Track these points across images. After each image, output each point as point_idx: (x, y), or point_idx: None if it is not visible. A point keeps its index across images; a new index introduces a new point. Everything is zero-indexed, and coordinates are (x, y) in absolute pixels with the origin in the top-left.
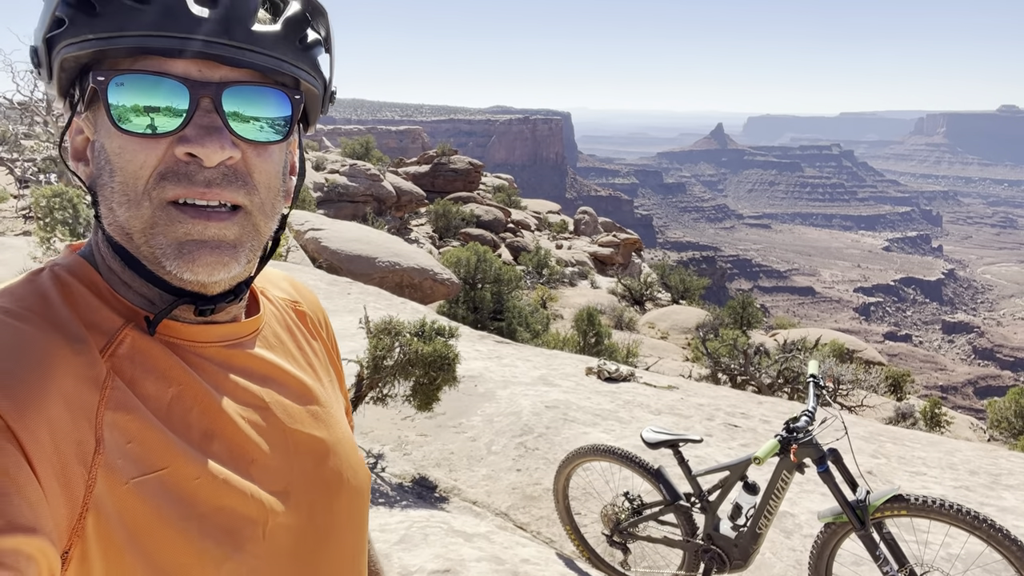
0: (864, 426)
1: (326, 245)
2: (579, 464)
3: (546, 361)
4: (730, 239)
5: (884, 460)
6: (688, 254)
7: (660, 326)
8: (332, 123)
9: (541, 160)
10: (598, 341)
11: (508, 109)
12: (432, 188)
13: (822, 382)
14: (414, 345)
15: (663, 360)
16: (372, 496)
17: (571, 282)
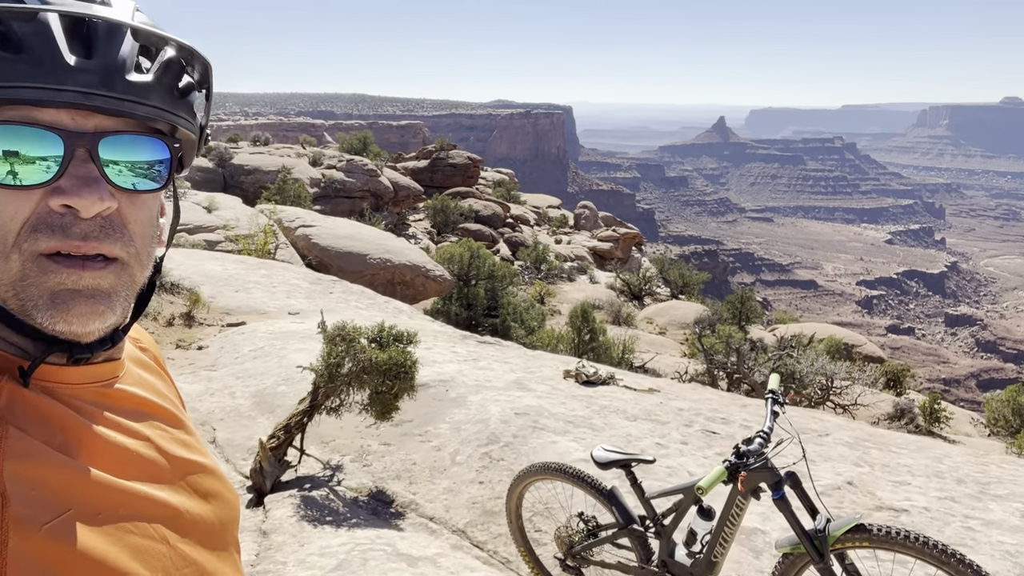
0: (850, 430)
1: (316, 242)
2: (530, 483)
3: (526, 363)
4: (732, 233)
5: (867, 468)
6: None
7: (658, 321)
8: (333, 118)
9: (543, 154)
10: (592, 338)
11: (509, 103)
12: (431, 183)
13: (781, 399)
14: (368, 352)
15: (660, 356)
16: (322, 514)
17: (570, 277)
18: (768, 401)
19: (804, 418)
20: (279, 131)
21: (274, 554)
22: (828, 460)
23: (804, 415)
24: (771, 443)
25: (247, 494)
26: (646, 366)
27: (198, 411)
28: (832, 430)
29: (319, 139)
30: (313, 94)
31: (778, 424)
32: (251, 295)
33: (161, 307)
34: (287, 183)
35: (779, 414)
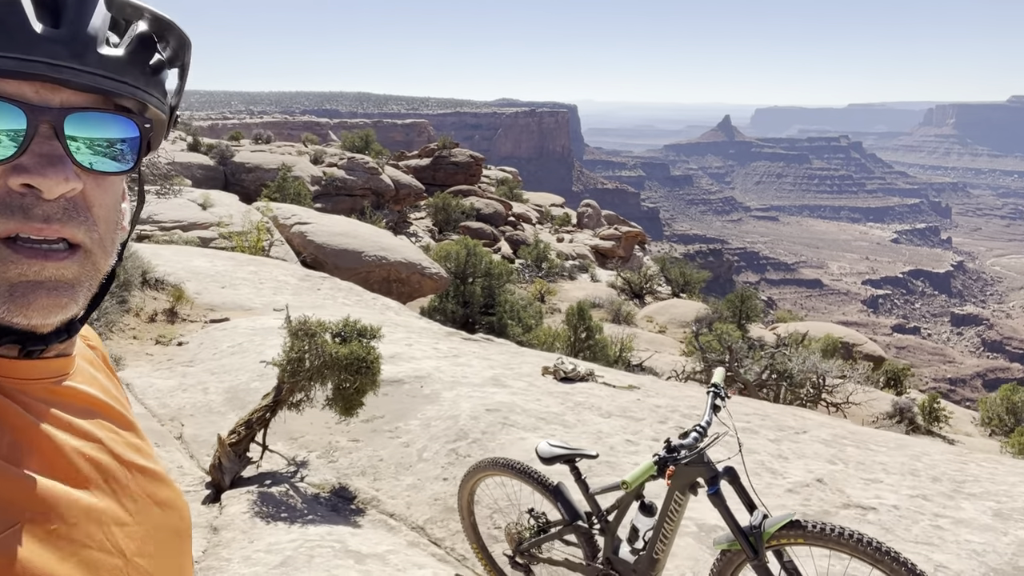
0: (830, 428)
1: (311, 239)
2: (481, 478)
3: (507, 360)
4: (737, 231)
5: (841, 466)
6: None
7: (658, 320)
8: (338, 116)
9: (547, 153)
10: (589, 336)
11: (514, 102)
12: (433, 181)
13: (724, 393)
14: (328, 347)
15: (659, 354)
16: (277, 510)
17: (571, 276)
18: (709, 395)
19: (783, 415)
20: (284, 129)
21: (221, 551)
22: (801, 457)
23: (784, 412)
24: (707, 437)
25: (205, 490)
26: (643, 364)
27: (168, 407)
28: (811, 427)
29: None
30: (318, 92)
31: (719, 418)
32: (237, 291)
33: (144, 303)
34: (287, 181)
35: (720, 408)
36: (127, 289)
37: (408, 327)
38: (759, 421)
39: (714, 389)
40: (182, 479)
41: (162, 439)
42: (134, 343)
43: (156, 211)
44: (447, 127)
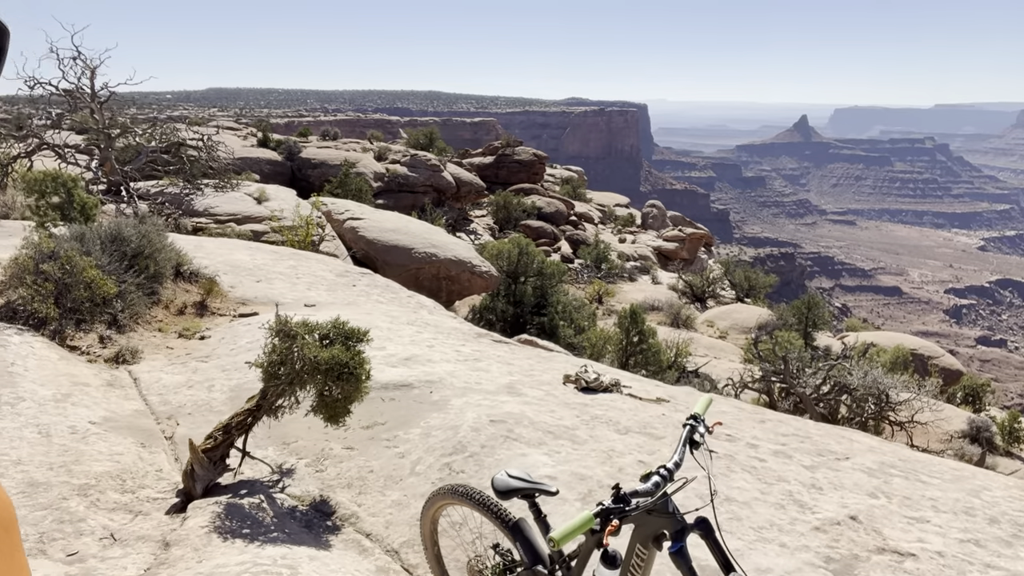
0: (879, 455)
1: (363, 235)
2: (441, 506)
3: (532, 365)
4: (811, 235)
5: (883, 501)
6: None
7: (719, 325)
8: (408, 115)
9: (616, 152)
10: (642, 340)
11: (583, 101)
12: (496, 179)
13: (703, 428)
14: (308, 350)
15: (718, 361)
16: (241, 525)
17: (631, 277)
18: (686, 428)
19: (827, 437)
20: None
21: (162, 570)
22: (838, 489)
23: (829, 434)
24: (674, 482)
25: (175, 498)
26: (698, 371)
27: (169, 404)
28: (856, 453)
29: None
30: (390, 91)
31: (697, 457)
32: (272, 286)
33: (176, 295)
34: (349, 177)
35: (699, 444)
36: (158, 281)
37: (438, 327)
38: (797, 444)
39: (692, 422)
40: (157, 484)
41: (150, 439)
42: (157, 336)
43: (212, 204)
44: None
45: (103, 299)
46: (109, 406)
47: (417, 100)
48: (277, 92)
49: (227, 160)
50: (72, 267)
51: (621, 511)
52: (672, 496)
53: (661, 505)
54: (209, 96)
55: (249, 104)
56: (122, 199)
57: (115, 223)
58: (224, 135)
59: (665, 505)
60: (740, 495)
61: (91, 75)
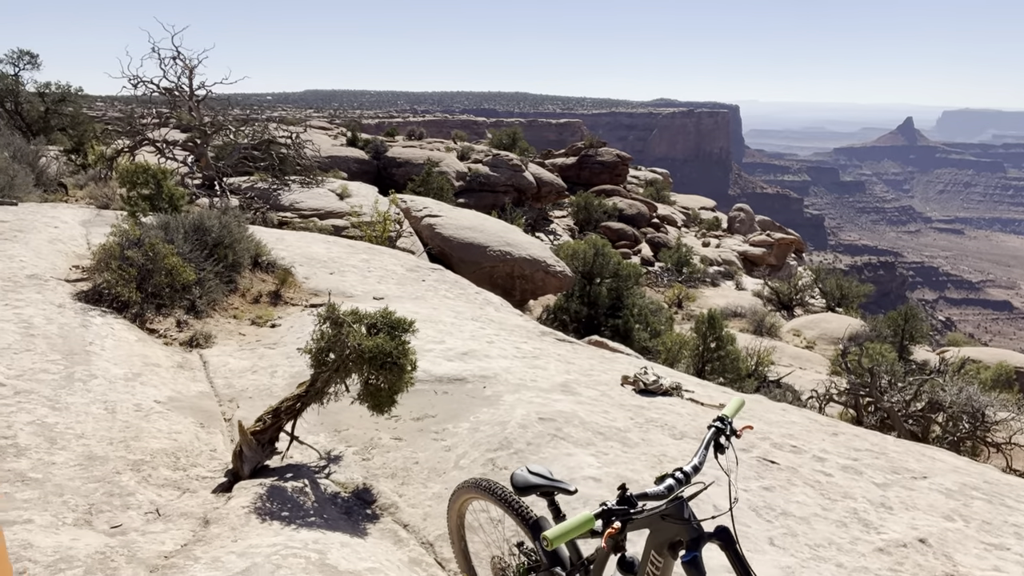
0: (963, 475)
1: (439, 231)
2: (466, 500)
3: (592, 365)
4: (914, 244)
5: (959, 524)
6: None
7: (807, 334)
8: (495, 115)
9: (704, 155)
10: (719, 346)
11: (672, 102)
12: (578, 180)
13: (730, 430)
14: (352, 338)
15: (803, 372)
16: (281, 508)
17: (713, 282)
18: (711, 431)
19: (906, 455)
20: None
21: (198, 547)
22: (910, 509)
23: (909, 451)
24: (690, 486)
25: (223, 478)
26: (780, 381)
27: (233, 387)
28: (936, 473)
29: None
30: (476, 92)
31: (722, 461)
32: (344, 278)
33: (252, 284)
34: (431, 175)
35: (724, 448)
36: (236, 270)
37: (501, 324)
38: (870, 460)
39: (718, 424)
40: (209, 463)
41: (210, 420)
42: (232, 322)
43: (298, 199)
44: (601, 127)
45: (182, 285)
46: (176, 387)
47: (503, 101)
48: (369, 94)
49: (314, 158)
50: (154, 254)
51: (624, 513)
52: (689, 501)
53: (675, 510)
54: (306, 98)
55: (343, 105)
56: (215, 193)
57: (198, 214)
58: (315, 134)
59: (680, 510)
60: (799, 510)
61: (189, 74)
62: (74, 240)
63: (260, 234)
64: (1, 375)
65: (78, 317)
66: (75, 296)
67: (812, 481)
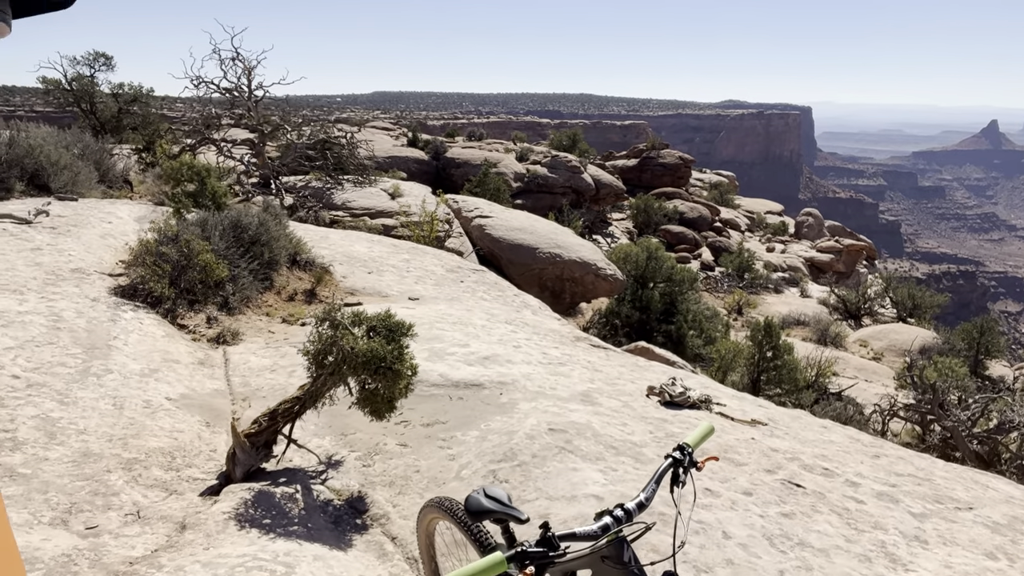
0: (1013, 507)
1: (489, 232)
2: (433, 520)
3: (620, 373)
4: (998, 253)
5: (1003, 563)
6: (942, 267)
7: (874, 345)
8: (559, 117)
9: (773, 158)
10: (776, 355)
11: (740, 103)
12: (639, 182)
13: (689, 462)
14: (346, 341)
15: (868, 384)
16: (264, 514)
17: (776, 289)
18: (667, 461)
19: (954, 482)
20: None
21: (165, 554)
22: (948, 544)
23: (959, 478)
24: (630, 525)
25: (215, 480)
26: (842, 393)
27: (249, 385)
28: (985, 503)
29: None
30: (541, 94)
31: (678, 497)
32: (381, 277)
33: (289, 282)
34: (487, 176)
35: (683, 482)
36: (272, 267)
37: (536, 328)
38: (911, 486)
39: (676, 454)
40: (206, 464)
41: (217, 419)
42: (264, 320)
43: (350, 198)
44: (667, 129)
45: (215, 282)
46: (192, 384)
47: (568, 103)
48: (435, 95)
49: (374, 158)
50: (189, 251)
51: (542, 556)
52: (633, 543)
53: (614, 552)
54: (375, 99)
55: (409, 107)
56: (271, 192)
57: (236, 211)
58: (377, 135)
59: (619, 553)
60: (818, 541)
61: (248, 75)
62: (125, 235)
63: (302, 232)
64: (18, 367)
65: (109, 311)
66: (112, 290)
67: (840, 509)
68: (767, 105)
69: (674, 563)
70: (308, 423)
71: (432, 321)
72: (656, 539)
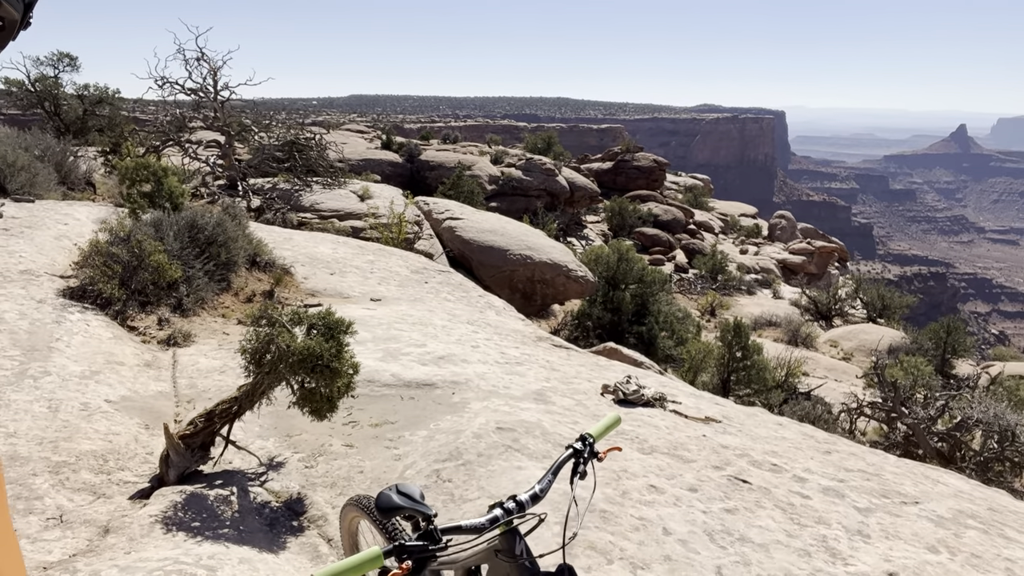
0: (963, 501)
1: (459, 234)
2: (354, 518)
3: (577, 372)
4: (967, 255)
5: (944, 556)
6: (913, 269)
7: (844, 345)
8: (536, 121)
9: (748, 161)
10: (745, 355)
11: (715, 108)
12: (614, 185)
13: (590, 453)
14: (282, 339)
15: (838, 383)
16: (193, 518)
17: (749, 290)
18: (567, 452)
19: (903, 476)
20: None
21: (83, 558)
22: (890, 538)
23: (908, 473)
24: (523, 518)
25: (147, 484)
26: (811, 393)
27: (196, 387)
28: (932, 498)
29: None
30: (518, 98)
31: (577, 489)
32: (343, 279)
33: (247, 283)
34: (462, 179)
35: (584, 474)
36: (230, 269)
37: (497, 328)
38: (859, 481)
39: (578, 444)
40: (139, 467)
41: (158, 421)
42: (219, 321)
43: (318, 200)
44: (643, 132)
45: (168, 283)
46: (134, 386)
47: (545, 107)
48: (412, 99)
49: (338, 159)
50: (140, 251)
51: (422, 550)
52: (527, 536)
53: (507, 545)
54: (351, 103)
55: (386, 110)
56: (238, 193)
57: (192, 212)
58: (351, 138)
59: (511, 546)
60: (759, 536)
61: (214, 75)
62: (82, 237)
63: (265, 233)
64: None
65: (54, 313)
66: (60, 292)
67: (785, 504)
68: (741, 109)
69: (564, 555)
70: (253, 424)
71: (391, 321)
72: (595, 536)
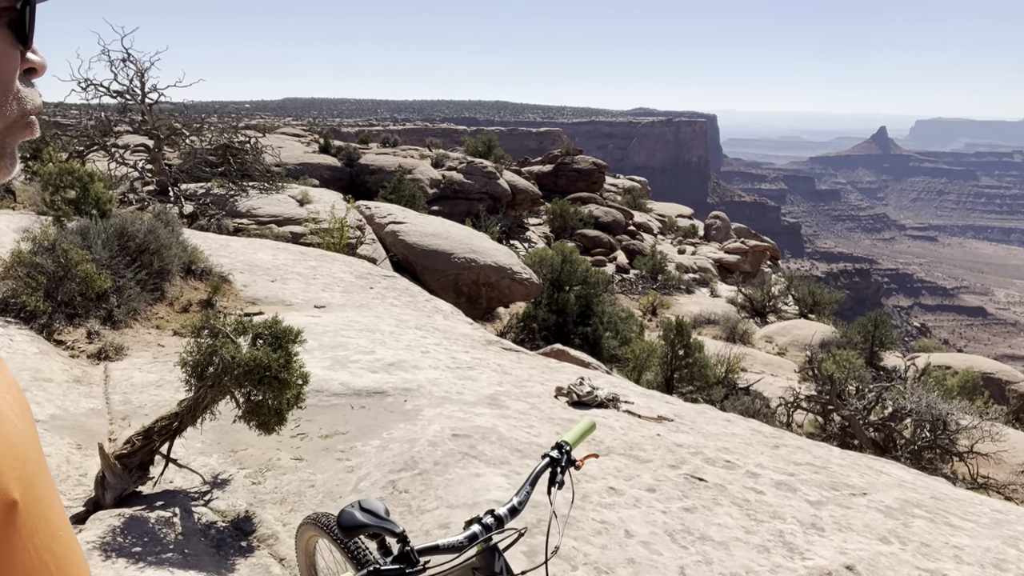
0: (908, 491)
1: (403, 239)
2: (312, 538)
3: (529, 376)
4: (889, 251)
5: (895, 547)
6: (839, 266)
7: (779, 341)
8: (475, 124)
9: (683, 163)
10: (687, 353)
11: (650, 111)
12: (555, 188)
13: (567, 461)
14: (227, 350)
15: (774, 378)
16: (134, 543)
17: (688, 289)
18: (544, 461)
19: (849, 468)
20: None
21: None
22: (843, 530)
23: (854, 465)
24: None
25: (82, 508)
26: (750, 388)
27: (130, 404)
28: (879, 489)
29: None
30: (457, 101)
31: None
32: (286, 286)
33: (183, 292)
34: (403, 182)
35: (561, 483)
36: (164, 277)
37: (446, 333)
38: (808, 475)
39: (554, 453)
40: (73, 490)
41: (91, 441)
42: (153, 333)
43: (255, 206)
44: (581, 136)
45: (97, 294)
46: (64, 404)
47: (484, 110)
48: (349, 102)
49: (275, 163)
50: (67, 261)
51: (398, 573)
52: (506, 551)
53: (485, 562)
54: (285, 106)
55: (322, 114)
56: (169, 199)
57: (121, 219)
58: (288, 141)
59: (490, 563)
60: (718, 534)
61: (141, 77)
62: (2, 247)
63: (200, 240)
64: None
65: None
66: None
67: (740, 500)
68: (675, 113)
69: (547, 570)
70: (194, 441)
71: (337, 329)
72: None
